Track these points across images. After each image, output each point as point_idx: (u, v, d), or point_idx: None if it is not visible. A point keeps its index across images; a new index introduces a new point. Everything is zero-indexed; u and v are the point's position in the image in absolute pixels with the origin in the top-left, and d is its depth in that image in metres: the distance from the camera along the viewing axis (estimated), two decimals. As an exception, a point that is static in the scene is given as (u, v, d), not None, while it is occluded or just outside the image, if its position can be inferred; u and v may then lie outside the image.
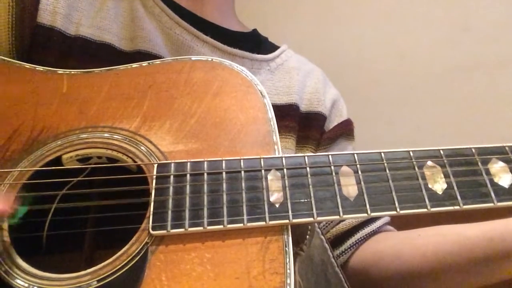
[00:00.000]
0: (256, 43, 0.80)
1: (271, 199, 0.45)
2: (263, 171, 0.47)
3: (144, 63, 0.57)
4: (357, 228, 0.70)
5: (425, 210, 0.45)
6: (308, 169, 0.47)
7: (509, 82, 1.06)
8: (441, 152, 0.49)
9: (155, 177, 0.47)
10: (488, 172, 0.48)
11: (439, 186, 0.47)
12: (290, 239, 0.44)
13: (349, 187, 0.46)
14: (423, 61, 1.09)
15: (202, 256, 0.43)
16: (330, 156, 0.48)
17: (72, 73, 0.56)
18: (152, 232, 0.44)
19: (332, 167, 0.47)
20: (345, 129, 0.79)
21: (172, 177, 0.47)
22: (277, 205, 0.45)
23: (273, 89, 0.75)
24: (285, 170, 0.47)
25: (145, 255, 0.43)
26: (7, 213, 0.45)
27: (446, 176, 0.47)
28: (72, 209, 0.49)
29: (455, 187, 0.47)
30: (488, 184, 0.47)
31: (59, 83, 0.55)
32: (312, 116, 0.76)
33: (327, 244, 0.57)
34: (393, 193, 0.46)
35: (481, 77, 1.07)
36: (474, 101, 1.08)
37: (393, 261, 0.65)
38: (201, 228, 0.44)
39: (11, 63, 0.58)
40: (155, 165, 0.48)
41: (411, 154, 0.48)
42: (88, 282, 0.42)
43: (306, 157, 0.48)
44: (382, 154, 0.48)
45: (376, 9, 1.11)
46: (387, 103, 1.11)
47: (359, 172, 0.47)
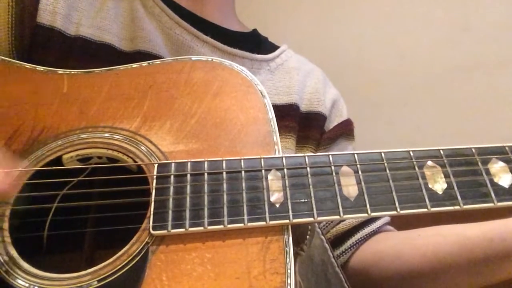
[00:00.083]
0: (256, 43, 0.80)
1: (272, 199, 0.45)
2: (263, 171, 0.47)
3: (144, 63, 0.57)
4: (357, 228, 0.70)
5: (425, 210, 0.46)
6: (308, 169, 0.47)
7: (509, 82, 1.06)
8: (441, 152, 0.49)
9: (155, 177, 0.47)
10: (488, 172, 0.48)
11: (439, 186, 0.47)
12: (290, 239, 0.44)
13: (350, 187, 0.46)
14: (423, 61, 1.09)
15: (202, 256, 0.43)
16: (330, 156, 0.48)
17: (72, 73, 0.56)
18: (152, 232, 0.44)
19: (332, 167, 0.47)
20: (345, 129, 0.79)
21: (172, 177, 0.47)
22: (278, 205, 0.45)
23: (273, 89, 0.75)
24: (285, 170, 0.47)
25: (146, 255, 0.43)
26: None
27: (446, 176, 0.47)
28: (72, 209, 0.49)
29: (455, 187, 0.47)
30: (488, 184, 0.47)
31: (60, 83, 0.55)
32: (312, 116, 0.76)
33: (327, 244, 0.57)
34: (393, 193, 0.46)
35: (481, 77, 1.07)
36: (474, 101, 1.08)
37: (393, 261, 0.65)
38: (201, 228, 0.44)
39: (11, 63, 0.58)
40: (156, 165, 0.48)
41: (411, 154, 0.48)
42: (88, 282, 0.42)
43: (306, 157, 0.48)
44: (382, 154, 0.48)
45: (376, 9, 1.11)
46: (387, 103, 1.11)
47: (359, 172, 0.47)
